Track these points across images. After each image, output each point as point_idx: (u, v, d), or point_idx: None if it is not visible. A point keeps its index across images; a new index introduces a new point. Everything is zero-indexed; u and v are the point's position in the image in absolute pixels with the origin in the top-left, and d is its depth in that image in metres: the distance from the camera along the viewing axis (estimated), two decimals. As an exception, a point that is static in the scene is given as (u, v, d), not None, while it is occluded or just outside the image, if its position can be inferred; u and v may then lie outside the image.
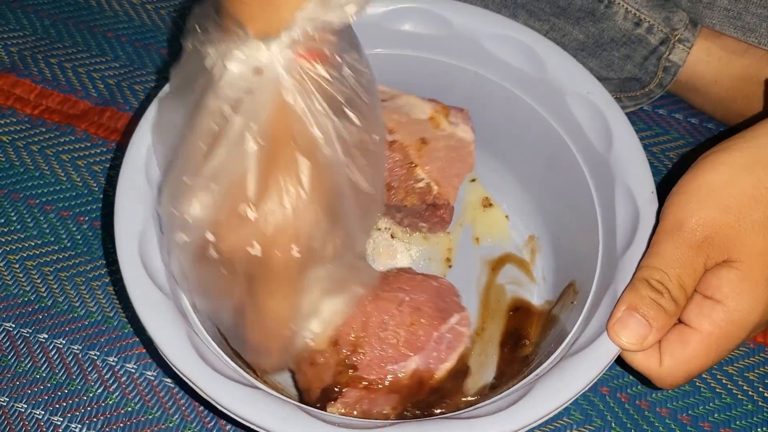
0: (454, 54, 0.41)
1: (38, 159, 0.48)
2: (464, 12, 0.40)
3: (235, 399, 0.29)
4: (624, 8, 0.47)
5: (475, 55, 0.41)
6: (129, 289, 0.31)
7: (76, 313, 0.42)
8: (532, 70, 0.40)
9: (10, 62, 0.52)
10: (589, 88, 0.38)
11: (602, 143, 0.37)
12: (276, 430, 0.28)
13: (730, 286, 0.30)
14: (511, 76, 0.41)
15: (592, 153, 0.38)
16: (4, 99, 0.50)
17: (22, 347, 0.41)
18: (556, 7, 0.47)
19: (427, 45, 0.42)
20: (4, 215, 0.46)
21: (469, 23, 0.40)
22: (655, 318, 0.30)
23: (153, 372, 0.41)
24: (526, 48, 0.39)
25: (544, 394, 0.29)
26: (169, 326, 0.30)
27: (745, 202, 0.30)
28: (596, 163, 0.37)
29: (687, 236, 0.30)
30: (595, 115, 0.37)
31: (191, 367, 0.30)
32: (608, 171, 0.36)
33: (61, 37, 0.53)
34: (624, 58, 0.48)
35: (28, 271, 0.44)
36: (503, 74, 0.41)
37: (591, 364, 0.30)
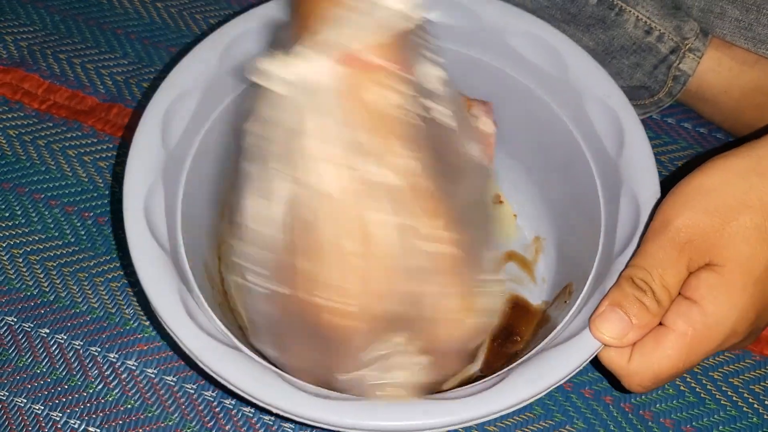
0: (479, 47, 0.42)
1: (44, 154, 0.48)
2: (492, 6, 0.41)
3: (215, 358, 0.29)
4: (635, 16, 0.47)
5: (500, 50, 0.41)
6: (129, 240, 0.32)
7: (78, 309, 0.42)
8: (554, 70, 0.40)
9: (20, 57, 0.52)
10: (608, 92, 0.38)
11: (614, 146, 0.37)
12: (253, 393, 0.29)
13: (707, 289, 0.30)
14: (533, 74, 0.41)
15: (603, 156, 0.38)
16: (12, 93, 0.50)
17: (24, 341, 0.41)
18: (567, 13, 0.47)
19: (453, 36, 0.42)
20: (9, 209, 0.46)
21: (497, 18, 0.40)
22: (637, 315, 0.30)
23: (154, 369, 0.40)
24: (550, 48, 0.39)
25: (517, 383, 0.29)
26: (162, 280, 0.31)
27: (734, 207, 0.30)
28: (606, 166, 0.37)
29: (671, 236, 0.30)
30: (610, 118, 0.37)
31: (178, 322, 0.30)
32: (617, 175, 0.36)
33: (70, 33, 0.53)
34: (633, 66, 0.48)
35: (31, 265, 0.44)
36: (525, 72, 0.41)
37: (568, 358, 0.30)
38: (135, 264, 0.31)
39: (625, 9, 0.46)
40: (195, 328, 0.30)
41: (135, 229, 0.32)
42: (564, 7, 0.47)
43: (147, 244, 0.32)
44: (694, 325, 0.30)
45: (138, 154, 0.34)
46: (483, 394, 0.29)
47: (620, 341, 0.30)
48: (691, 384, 0.41)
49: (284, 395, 0.29)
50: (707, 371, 0.42)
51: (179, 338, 0.30)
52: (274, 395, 0.29)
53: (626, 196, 0.35)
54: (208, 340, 0.30)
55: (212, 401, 0.40)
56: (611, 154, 0.37)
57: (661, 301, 0.30)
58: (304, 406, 0.29)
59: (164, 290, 0.31)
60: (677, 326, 0.30)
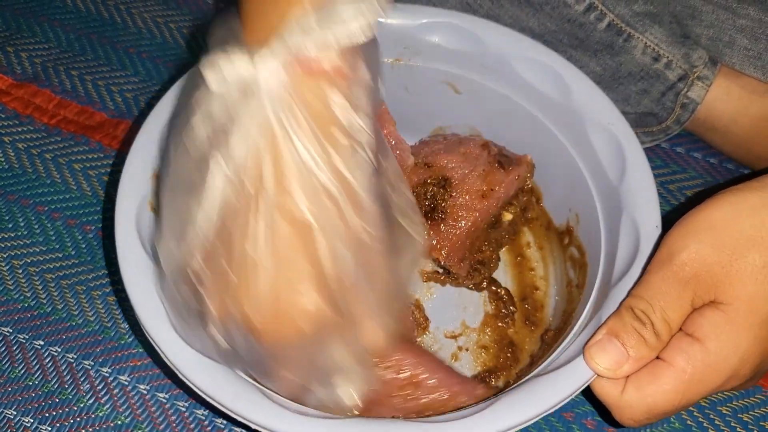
0: (485, 72, 0.42)
1: (51, 167, 0.48)
2: (497, 32, 0.41)
3: (194, 370, 0.29)
4: (643, 43, 0.46)
5: (505, 75, 0.41)
6: (119, 248, 0.32)
7: (74, 322, 0.42)
8: (558, 96, 0.40)
9: (33, 73, 0.53)
10: (611, 119, 0.38)
11: (615, 173, 0.36)
12: (228, 405, 0.28)
13: (711, 327, 0.28)
14: (537, 100, 0.41)
15: (605, 183, 0.37)
16: (23, 107, 0.51)
17: (18, 353, 0.41)
18: (575, 38, 0.47)
19: (458, 60, 0.42)
20: (12, 220, 0.46)
21: (502, 44, 0.41)
22: (634, 347, 0.29)
23: (146, 386, 0.40)
24: (554, 74, 0.40)
25: (507, 408, 0.28)
26: (148, 288, 0.31)
27: (742, 243, 0.29)
28: (608, 193, 0.37)
29: (676, 270, 0.29)
30: (613, 146, 0.37)
31: (160, 332, 0.30)
32: (618, 202, 0.35)
33: (84, 51, 0.54)
34: (641, 92, 0.48)
35: (30, 276, 0.44)
36: (529, 98, 0.41)
37: (560, 385, 0.29)
38: (122, 272, 0.31)
39: (633, 35, 0.46)
40: (177, 340, 0.30)
41: (125, 238, 0.32)
42: (572, 32, 0.47)
43: (137, 254, 0.32)
44: (694, 363, 0.28)
45: (130, 173, 0.34)
46: (471, 419, 0.28)
47: (614, 373, 0.29)
48: (699, 418, 0.40)
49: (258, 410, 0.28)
50: (715, 405, 0.40)
51: (161, 350, 0.30)
52: (246, 408, 0.28)
53: (626, 224, 0.34)
54: (190, 352, 0.29)
55: (203, 420, 0.39)
56: (612, 180, 0.36)
57: (661, 334, 0.29)
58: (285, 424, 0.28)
59: (149, 300, 0.31)
60: (676, 362, 0.29)
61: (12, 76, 0.52)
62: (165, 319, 0.30)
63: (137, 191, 0.34)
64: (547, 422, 0.39)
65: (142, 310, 0.31)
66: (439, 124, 0.46)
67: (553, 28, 0.47)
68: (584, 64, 0.48)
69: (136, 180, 0.34)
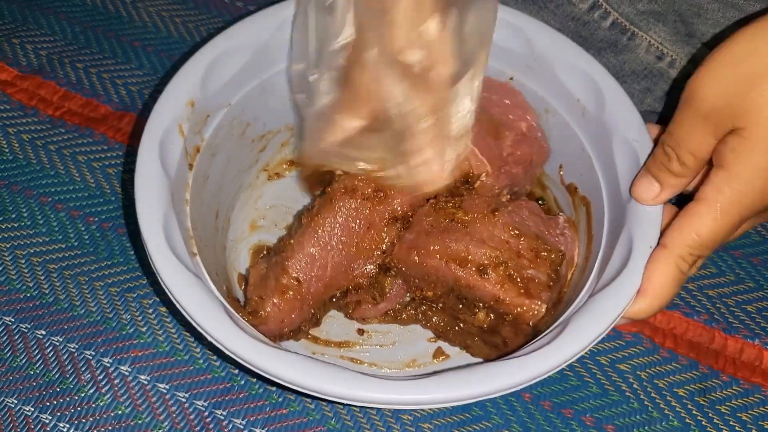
0: (528, 74, 0.42)
1: (55, 159, 0.49)
2: (546, 34, 0.41)
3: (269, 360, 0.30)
4: (647, 41, 0.46)
5: (547, 80, 0.42)
6: (163, 277, 0.32)
7: (76, 312, 0.42)
8: (593, 107, 0.40)
9: (38, 65, 0.53)
10: (636, 136, 0.38)
11: (626, 192, 0.37)
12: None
13: (732, 153, 0.31)
14: (573, 109, 0.41)
15: (617, 199, 0.38)
16: (28, 99, 0.51)
17: (19, 342, 0.41)
18: (578, 36, 0.47)
19: (505, 57, 0.42)
20: (16, 211, 0.46)
21: (549, 47, 0.41)
22: (664, 179, 0.35)
23: (146, 376, 0.40)
24: (593, 84, 0.40)
25: (577, 331, 0.31)
26: (202, 299, 0.32)
27: (759, 73, 0.31)
28: (617, 209, 0.37)
29: (697, 106, 0.32)
30: (633, 164, 0.37)
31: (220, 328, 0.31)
32: (623, 219, 0.36)
33: (89, 44, 0.55)
34: (644, 90, 0.48)
35: (33, 267, 0.44)
36: (566, 105, 0.41)
37: (617, 299, 0.32)
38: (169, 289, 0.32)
39: (638, 34, 0.46)
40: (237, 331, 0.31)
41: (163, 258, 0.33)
42: (576, 30, 0.47)
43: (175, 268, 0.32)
44: (721, 189, 0.32)
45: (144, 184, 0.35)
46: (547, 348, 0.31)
47: (653, 201, 0.35)
48: (698, 416, 0.40)
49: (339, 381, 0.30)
50: (714, 404, 0.40)
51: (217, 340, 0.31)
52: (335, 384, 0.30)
53: (624, 239, 0.35)
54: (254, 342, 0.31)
55: (203, 411, 0.39)
56: (623, 197, 0.37)
57: (687, 163, 0.33)
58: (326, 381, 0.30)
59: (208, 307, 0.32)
60: (706, 194, 0.32)
61: (17, 67, 0.53)
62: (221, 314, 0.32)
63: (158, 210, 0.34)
64: (507, 402, 0.40)
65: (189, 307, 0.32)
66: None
67: (556, 26, 0.47)
68: (588, 62, 0.48)
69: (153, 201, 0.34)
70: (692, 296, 0.44)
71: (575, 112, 0.41)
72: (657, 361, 0.41)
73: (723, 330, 0.43)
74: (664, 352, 0.42)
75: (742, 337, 0.42)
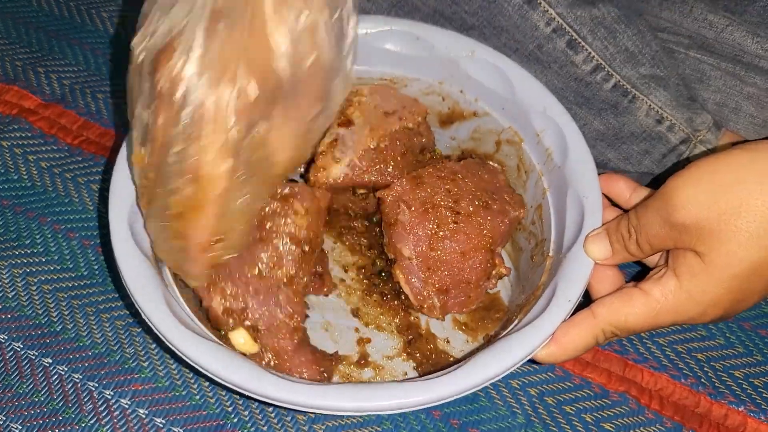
0: (501, 113, 0.46)
1: (70, 186, 0.51)
2: (528, 81, 0.44)
3: (200, 352, 0.33)
4: (647, 105, 0.48)
5: (521, 123, 0.45)
6: (116, 250, 0.36)
7: (82, 342, 0.44)
8: (558, 157, 0.42)
9: (61, 94, 0.55)
10: (587, 193, 0.40)
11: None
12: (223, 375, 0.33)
13: (688, 269, 0.33)
14: (541, 154, 0.44)
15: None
16: (48, 127, 0.53)
17: (27, 369, 0.43)
18: (580, 96, 0.48)
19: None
20: (30, 237, 0.48)
21: (528, 94, 0.44)
22: (618, 250, 0.37)
23: (145, 410, 0.41)
24: (562, 137, 0.42)
25: (482, 363, 0.34)
26: (150, 289, 0.35)
27: (736, 207, 0.32)
28: (555, 261, 0.40)
29: (670, 210, 0.33)
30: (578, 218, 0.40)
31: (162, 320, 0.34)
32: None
33: (111, 75, 0.57)
34: (643, 152, 0.49)
35: (43, 294, 0.46)
36: (536, 149, 0.44)
37: (522, 343, 0.35)
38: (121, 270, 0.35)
39: (638, 97, 0.48)
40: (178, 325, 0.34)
41: (121, 239, 0.36)
42: (578, 91, 0.48)
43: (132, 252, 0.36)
44: (666, 295, 0.34)
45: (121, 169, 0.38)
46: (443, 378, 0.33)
47: (600, 260, 0.37)
48: None
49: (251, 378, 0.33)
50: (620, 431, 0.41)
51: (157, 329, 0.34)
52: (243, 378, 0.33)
53: (551, 286, 0.38)
54: (192, 336, 0.34)
55: (198, 447, 0.41)
56: (564, 247, 0.39)
57: (642, 248, 0.35)
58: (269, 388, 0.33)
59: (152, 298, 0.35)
60: (652, 292, 0.34)
61: (41, 96, 0.55)
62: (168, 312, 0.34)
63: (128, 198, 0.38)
64: (417, 419, 0.41)
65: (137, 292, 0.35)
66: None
67: (559, 86, 0.48)
68: (588, 122, 0.49)
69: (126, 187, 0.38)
70: (681, 358, 0.45)
71: (542, 158, 0.44)
72: (641, 422, 0.42)
73: (709, 395, 0.43)
74: (649, 414, 0.43)
75: (727, 403, 0.43)
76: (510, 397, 0.43)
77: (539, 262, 0.42)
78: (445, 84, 0.47)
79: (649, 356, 0.45)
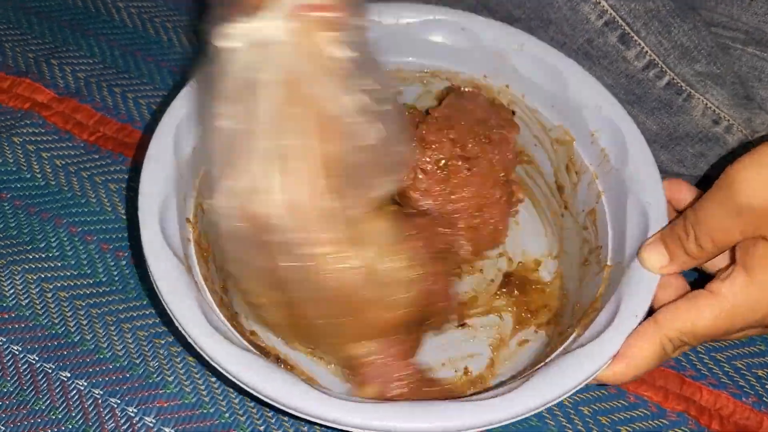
0: (552, 111, 0.43)
1: (87, 186, 0.48)
2: (581, 77, 0.42)
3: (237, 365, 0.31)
4: (703, 103, 0.45)
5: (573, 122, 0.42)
6: (146, 251, 0.33)
7: (102, 355, 0.41)
8: (615, 160, 0.40)
9: (75, 87, 0.52)
10: (651, 200, 0.37)
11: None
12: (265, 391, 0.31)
13: (760, 259, 0.30)
14: (595, 156, 0.41)
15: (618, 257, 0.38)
16: (63, 122, 0.51)
17: (43, 383, 0.40)
18: (632, 94, 0.46)
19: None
20: (45, 240, 0.45)
21: (581, 90, 0.41)
22: (676, 254, 0.33)
23: (171, 429, 0.39)
24: (620, 137, 0.40)
25: (539, 385, 0.31)
26: (181, 291, 0.32)
27: None
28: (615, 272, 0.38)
29: (731, 195, 0.30)
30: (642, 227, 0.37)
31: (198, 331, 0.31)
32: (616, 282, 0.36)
33: (128, 68, 0.54)
34: (698, 155, 0.46)
35: (60, 302, 0.43)
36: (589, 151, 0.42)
37: (591, 362, 0.32)
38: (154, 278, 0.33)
39: (694, 95, 0.45)
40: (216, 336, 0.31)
41: (151, 238, 0.34)
42: (629, 88, 0.45)
43: (164, 255, 0.33)
44: (736, 292, 0.31)
45: (152, 166, 0.36)
46: (508, 396, 0.30)
47: (658, 271, 0.34)
48: None
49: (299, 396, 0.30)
50: None
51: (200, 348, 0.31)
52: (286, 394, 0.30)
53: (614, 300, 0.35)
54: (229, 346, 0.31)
55: (228, 469, 0.38)
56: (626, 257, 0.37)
57: (704, 247, 0.32)
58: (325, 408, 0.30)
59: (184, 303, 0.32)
60: (720, 291, 0.31)
61: (54, 89, 0.52)
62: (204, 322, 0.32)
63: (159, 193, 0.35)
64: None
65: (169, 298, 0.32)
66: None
67: (609, 82, 0.45)
68: (640, 122, 0.46)
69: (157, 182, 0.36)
70: (741, 375, 0.42)
71: (597, 159, 0.41)
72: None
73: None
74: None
75: (791, 423, 0.40)
76: (561, 416, 0.40)
77: (596, 271, 0.39)
78: (490, 78, 0.44)
79: (707, 372, 0.42)
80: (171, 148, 0.37)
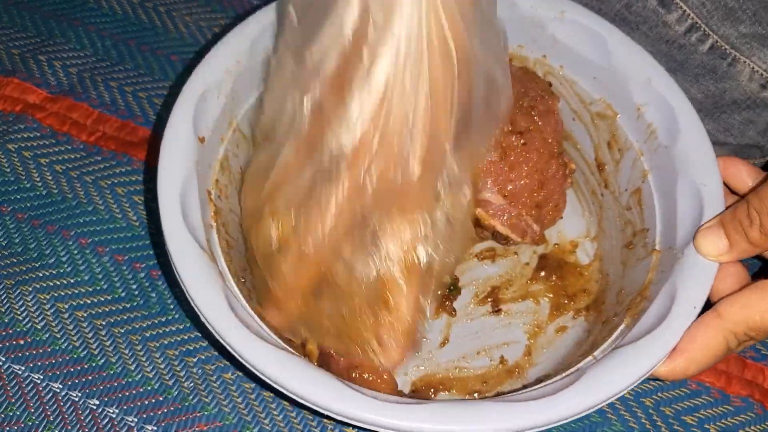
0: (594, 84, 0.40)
1: (92, 192, 0.44)
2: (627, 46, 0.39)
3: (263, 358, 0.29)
4: (750, 67, 0.42)
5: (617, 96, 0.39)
6: (168, 243, 0.32)
7: (131, 378, 0.38)
8: (664, 136, 0.37)
9: (69, 84, 0.48)
10: (706, 180, 0.35)
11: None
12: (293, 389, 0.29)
13: None
14: (641, 132, 0.39)
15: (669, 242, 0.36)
16: (59, 124, 0.47)
17: (71, 414, 0.37)
18: (673, 61, 0.43)
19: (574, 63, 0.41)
20: (54, 255, 0.42)
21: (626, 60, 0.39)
22: (737, 241, 0.31)
23: (214, 453, 0.36)
24: (670, 111, 0.37)
25: (594, 383, 0.29)
26: (205, 281, 0.31)
27: None
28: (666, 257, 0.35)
29: None
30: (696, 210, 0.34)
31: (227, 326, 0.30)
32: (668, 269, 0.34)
33: (122, 59, 0.50)
34: (746, 122, 0.43)
35: (78, 323, 0.40)
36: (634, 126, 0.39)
37: (646, 357, 0.30)
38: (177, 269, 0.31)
39: (739, 59, 0.42)
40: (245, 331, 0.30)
41: (173, 231, 0.32)
42: (670, 54, 0.42)
43: (187, 246, 0.31)
44: None
45: (171, 147, 0.34)
46: (559, 395, 0.29)
47: (716, 258, 0.32)
48: None
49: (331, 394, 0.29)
50: None
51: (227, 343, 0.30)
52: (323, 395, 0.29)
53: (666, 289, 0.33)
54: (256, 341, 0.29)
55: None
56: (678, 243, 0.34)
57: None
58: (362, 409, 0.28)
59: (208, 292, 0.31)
60: None
61: (46, 88, 0.48)
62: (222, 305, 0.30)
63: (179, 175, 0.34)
64: None
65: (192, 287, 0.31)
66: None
67: (649, 49, 0.42)
68: (684, 90, 0.43)
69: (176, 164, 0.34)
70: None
71: (642, 136, 0.38)
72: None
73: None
74: (774, 418, 0.38)
75: None
76: (624, 410, 0.38)
77: (642, 255, 0.37)
78: (526, 49, 0.41)
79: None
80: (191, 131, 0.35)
